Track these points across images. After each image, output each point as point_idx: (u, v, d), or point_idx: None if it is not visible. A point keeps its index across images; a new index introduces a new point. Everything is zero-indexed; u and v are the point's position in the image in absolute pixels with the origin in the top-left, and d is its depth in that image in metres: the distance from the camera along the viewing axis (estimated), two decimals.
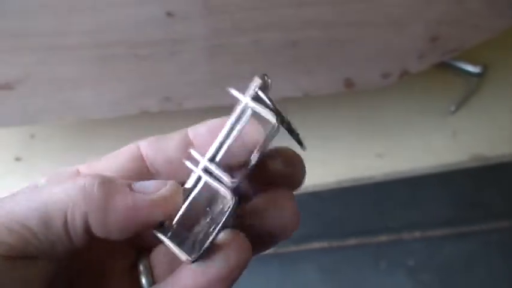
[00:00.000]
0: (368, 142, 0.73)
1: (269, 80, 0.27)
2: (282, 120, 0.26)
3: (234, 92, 0.25)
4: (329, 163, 0.72)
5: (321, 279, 1.28)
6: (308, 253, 1.34)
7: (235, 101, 0.26)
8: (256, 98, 0.26)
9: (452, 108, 0.74)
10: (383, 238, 1.33)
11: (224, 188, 0.25)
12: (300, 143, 0.26)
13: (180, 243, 0.24)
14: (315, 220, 1.36)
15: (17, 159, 0.69)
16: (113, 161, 0.27)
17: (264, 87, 0.26)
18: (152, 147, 0.27)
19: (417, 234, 1.27)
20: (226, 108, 0.61)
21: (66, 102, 0.58)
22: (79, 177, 0.23)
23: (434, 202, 1.20)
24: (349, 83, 0.59)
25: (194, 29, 0.53)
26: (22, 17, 0.51)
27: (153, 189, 0.24)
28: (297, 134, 0.27)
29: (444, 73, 0.76)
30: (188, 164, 0.26)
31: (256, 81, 0.26)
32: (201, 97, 0.59)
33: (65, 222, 0.22)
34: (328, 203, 1.37)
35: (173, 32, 0.53)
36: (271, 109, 0.25)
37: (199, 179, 0.26)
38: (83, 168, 0.27)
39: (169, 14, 0.52)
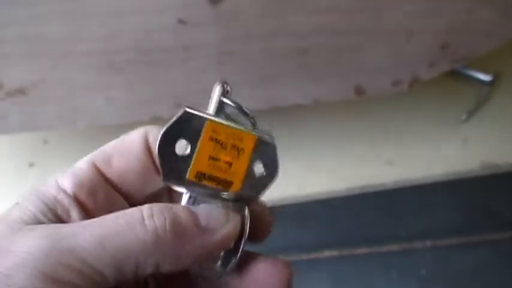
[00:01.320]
0: (378, 150, 0.73)
1: (228, 87, 0.28)
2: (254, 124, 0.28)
3: (193, 111, 0.26)
4: (339, 171, 0.72)
5: (331, 287, 1.28)
6: (319, 262, 1.34)
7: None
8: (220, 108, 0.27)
9: (464, 117, 0.74)
10: (394, 247, 1.32)
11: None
12: (270, 136, 0.27)
13: None
14: (325, 229, 1.36)
15: (31, 164, 0.70)
16: (128, 156, 0.27)
17: (224, 94, 0.28)
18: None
19: (428, 243, 1.26)
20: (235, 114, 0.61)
21: (78, 108, 0.59)
22: (146, 214, 0.23)
23: (445, 210, 1.19)
24: (359, 91, 0.60)
25: (205, 36, 0.53)
26: (36, 24, 0.52)
27: (219, 224, 0.24)
28: (270, 134, 0.27)
29: (455, 81, 0.76)
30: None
31: (218, 90, 0.28)
32: None
33: (137, 268, 0.22)
34: (338, 211, 1.36)
35: (184, 38, 0.53)
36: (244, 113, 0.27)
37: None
38: (101, 164, 0.26)
39: (180, 21, 0.52)
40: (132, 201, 0.27)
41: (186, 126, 0.25)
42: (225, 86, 0.27)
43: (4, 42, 0.52)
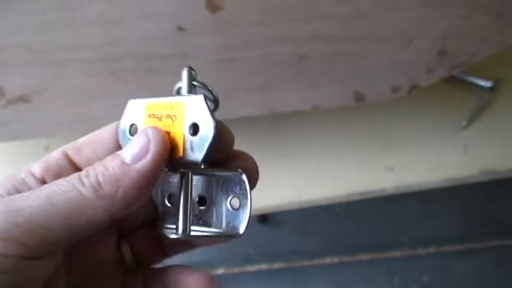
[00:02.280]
0: (378, 156, 0.73)
1: (194, 72, 0.31)
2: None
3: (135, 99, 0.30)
4: (339, 177, 0.72)
5: None
6: (320, 268, 1.34)
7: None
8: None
9: (464, 123, 0.74)
10: (396, 253, 1.33)
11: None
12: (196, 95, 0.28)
13: None
14: (327, 235, 1.36)
15: None
16: (98, 146, 0.29)
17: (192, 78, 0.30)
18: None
19: (431, 249, 1.26)
20: (235, 120, 0.62)
21: (79, 115, 0.59)
22: (82, 174, 0.25)
23: (447, 217, 1.20)
24: (358, 97, 0.60)
25: (204, 42, 0.54)
26: (38, 32, 0.52)
27: (142, 153, 0.26)
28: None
29: (456, 87, 0.76)
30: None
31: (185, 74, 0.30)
32: None
33: (87, 222, 0.24)
34: (339, 218, 1.37)
35: (183, 45, 0.54)
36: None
37: None
38: (72, 153, 0.29)
39: (179, 28, 0.53)
40: None
41: (133, 113, 0.29)
42: (192, 71, 0.30)
43: (6, 50, 0.53)
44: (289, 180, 0.71)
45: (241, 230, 0.29)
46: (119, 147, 0.28)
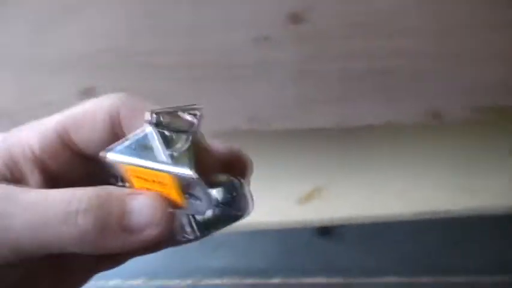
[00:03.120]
0: (452, 176, 0.71)
1: (160, 117, 0.26)
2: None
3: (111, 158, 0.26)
4: (409, 194, 0.71)
5: None
6: (378, 286, 1.31)
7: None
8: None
9: None
10: (460, 279, 1.28)
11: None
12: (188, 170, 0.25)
13: None
14: (387, 253, 1.33)
15: None
16: (93, 128, 0.27)
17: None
18: (124, 115, 0.27)
19: (497, 278, 1.21)
20: (313, 130, 0.62)
21: None
22: (79, 208, 0.24)
23: None
24: (436, 115, 0.59)
25: (285, 53, 0.55)
26: (127, 37, 0.55)
27: (146, 225, 0.25)
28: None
29: None
30: None
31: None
32: (288, 119, 0.60)
33: (60, 250, 0.24)
34: (402, 237, 1.33)
35: (265, 55, 0.55)
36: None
37: None
38: (68, 129, 0.27)
39: (262, 39, 0.54)
40: (92, 162, 0.28)
41: (113, 169, 0.26)
42: (156, 116, 0.26)
43: (97, 53, 0.56)
44: (357, 194, 0.70)
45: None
46: (112, 131, 0.27)
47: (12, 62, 0.53)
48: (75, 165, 0.28)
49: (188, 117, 0.26)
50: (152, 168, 0.25)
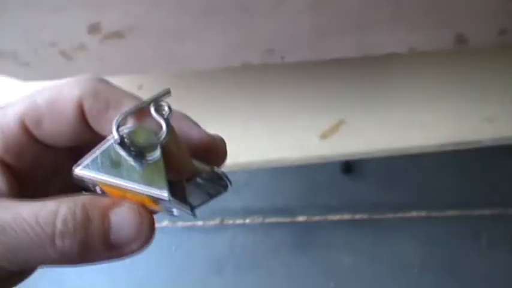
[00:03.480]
0: (476, 105, 0.69)
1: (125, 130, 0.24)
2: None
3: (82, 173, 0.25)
4: (432, 125, 0.69)
5: (416, 250, 1.25)
6: (404, 222, 1.31)
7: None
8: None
9: None
10: (486, 212, 1.27)
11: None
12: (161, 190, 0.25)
13: None
14: (412, 188, 1.33)
15: None
16: (60, 121, 0.26)
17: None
18: (96, 110, 0.25)
19: None
20: (327, 62, 0.60)
21: (171, 52, 0.59)
22: (58, 231, 0.23)
23: None
24: (460, 40, 0.56)
25: None
26: None
27: (127, 241, 0.24)
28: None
29: None
30: None
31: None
32: (304, 50, 0.58)
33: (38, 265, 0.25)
34: (427, 171, 1.32)
35: None
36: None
37: None
38: (31, 124, 0.26)
39: None
40: (59, 154, 0.28)
41: (85, 181, 0.25)
42: (121, 134, 0.24)
43: None
44: (379, 128, 0.69)
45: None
46: (82, 125, 0.26)
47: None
48: (44, 158, 0.27)
49: (157, 118, 0.25)
50: (124, 187, 0.24)
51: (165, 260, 1.24)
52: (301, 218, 1.27)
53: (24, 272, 0.27)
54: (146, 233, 0.24)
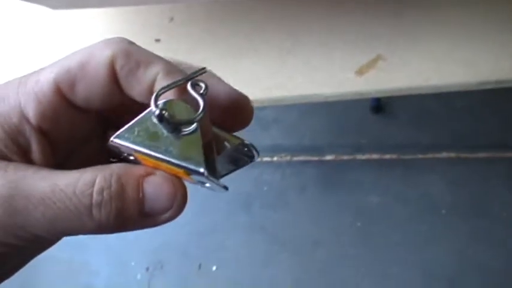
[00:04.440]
0: None
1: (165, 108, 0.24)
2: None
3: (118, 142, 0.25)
4: (473, 62, 0.66)
5: (445, 191, 1.24)
6: (434, 162, 1.30)
7: None
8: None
9: None
10: None
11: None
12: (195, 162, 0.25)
13: None
14: (442, 130, 1.31)
15: (157, 40, 0.71)
16: (93, 84, 0.26)
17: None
18: (128, 70, 0.25)
19: None
20: None
21: None
22: (94, 201, 0.24)
23: None
24: None
25: None
26: None
27: (162, 210, 0.25)
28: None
29: None
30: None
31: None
32: None
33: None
34: (457, 113, 1.30)
35: None
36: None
37: None
38: (65, 87, 0.26)
39: None
40: (91, 121, 0.28)
41: (120, 150, 0.26)
42: (162, 105, 0.24)
43: None
44: (417, 64, 0.66)
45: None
46: (114, 86, 0.26)
47: None
48: (78, 124, 0.27)
49: (195, 95, 0.25)
50: (161, 159, 0.25)
51: (191, 196, 1.25)
52: (329, 157, 1.27)
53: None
54: (179, 203, 0.25)
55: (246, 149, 0.28)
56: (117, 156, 0.27)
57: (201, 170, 0.24)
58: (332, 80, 0.65)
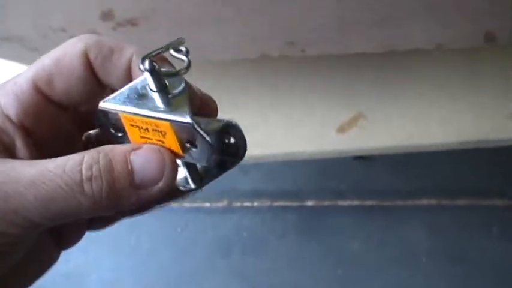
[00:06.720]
0: (499, 101, 0.67)
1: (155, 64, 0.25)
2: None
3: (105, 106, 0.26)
4: (453, 122, 0.66)
5: (426, 238, 1.24)
6: (415, 209, 1.30)
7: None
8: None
9: None
10: (497, 202, 1.26)
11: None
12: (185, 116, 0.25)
13: None
14: (425, 176, 1.31)
15: None
16: (70, 77, 0.27)
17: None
18: (102, 57, 0.27)
19: None
20: (347, 55, 0.57)
21: (188, 41, 0.57)
22: (84, 176, 0.24)
23: None
24: (490, 37, 0.54)
25: None
26: None
27: (153, 181, 0.25)
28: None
29: None
30: None
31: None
32: (326, 43, 0.56)
33: (73, 219, 0.25)
34: (439, 159, 1.30)
35: None
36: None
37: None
38: (43, 85, 0.27)
39: None
40: (76, 113, 0.29)
41: (108, 118, 0.26)
42: (150, 63, 0.25)
43: None
44: (398, 123, 0.67)
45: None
46: (90, 77, 0.27)
47: None
48: (61, 122, 0.28)
49: (179, 56, 0.26)
50: (149, 117, 0.25)
51: (170, 240, 1.24)
52: (310, 203, 1.26)
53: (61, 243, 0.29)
54: (169, 168, 0.25)
55: (228, 139, 0.27)
56: (104, 129, 0.27)
57: (187, 119, 0.24)
58: (313, 138, 0.65)
